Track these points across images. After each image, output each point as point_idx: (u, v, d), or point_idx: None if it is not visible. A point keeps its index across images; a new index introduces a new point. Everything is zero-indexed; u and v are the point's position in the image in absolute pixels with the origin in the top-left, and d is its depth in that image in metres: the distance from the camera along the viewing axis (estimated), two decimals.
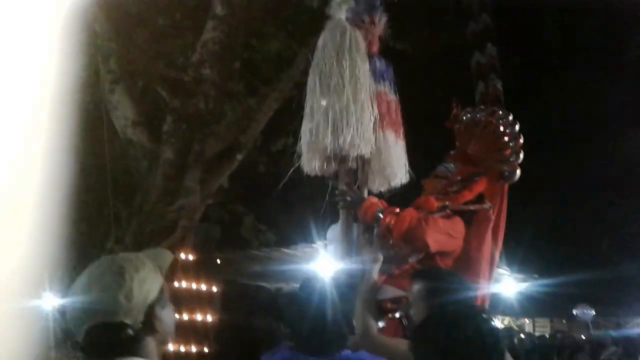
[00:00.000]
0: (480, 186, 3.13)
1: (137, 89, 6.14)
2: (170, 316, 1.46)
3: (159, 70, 5.99)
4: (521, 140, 3.19)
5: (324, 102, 2.83)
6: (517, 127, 3.21)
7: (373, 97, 2.97)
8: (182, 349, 5.74)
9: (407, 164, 3.15)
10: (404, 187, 3.22)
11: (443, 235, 2.80)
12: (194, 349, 5.80)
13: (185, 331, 5.69)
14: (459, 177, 3.14)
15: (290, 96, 6.07)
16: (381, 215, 2.79)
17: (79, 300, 1.36)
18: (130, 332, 1.34)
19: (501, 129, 3.19)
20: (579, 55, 11.10)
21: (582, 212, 13.17)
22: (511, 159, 3.17)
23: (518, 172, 3.16)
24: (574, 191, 12.85)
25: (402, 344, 2.00)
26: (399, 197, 3.25)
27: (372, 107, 2.94)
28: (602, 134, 11.99)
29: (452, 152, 3.34)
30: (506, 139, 3.18)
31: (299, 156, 2.99)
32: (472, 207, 3.06)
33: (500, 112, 3.30)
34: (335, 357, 1.86)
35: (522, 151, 3.18)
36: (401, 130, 3.13)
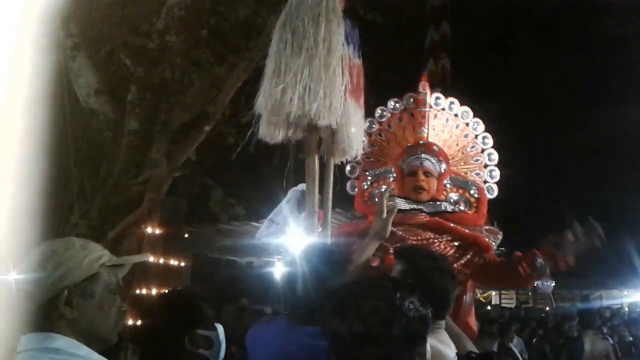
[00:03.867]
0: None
1: (100, 56, 5.90)
2: (93, 311, 1.46)
3: (123, 36, 5.75)
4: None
5: (296, 64, 2.63)
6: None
7: (344, 62, 2.81)
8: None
9: (364, 134, 3.00)
10: None
11: None
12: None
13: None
14: None
15: (259, 65, 5.91)
16: None
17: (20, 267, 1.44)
18: (33, 303, 1.40)
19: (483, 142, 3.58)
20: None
21: (549, 185, 13.41)
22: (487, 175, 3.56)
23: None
24: (541, 165, 13.06)
25: None
26: None
27: (343, 73, 2.78)
28: (573, 106, 12.16)
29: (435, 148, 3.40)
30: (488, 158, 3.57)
31: (257, 121, 2.80)
32: None
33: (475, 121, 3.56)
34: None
35: None
36: (362, 98, 2.97)
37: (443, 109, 3.54)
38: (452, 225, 3.12)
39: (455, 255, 3.04)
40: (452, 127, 3.54)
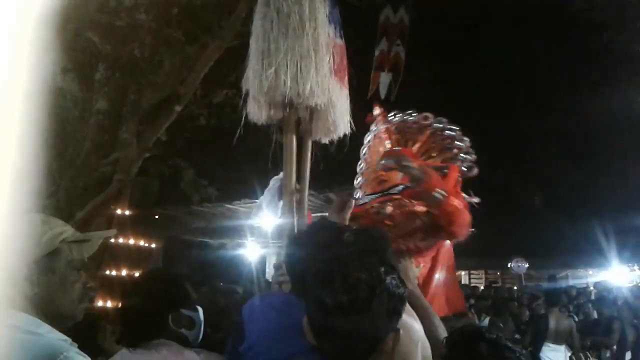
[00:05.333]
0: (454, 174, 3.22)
1: (66, 34, 5.73)
2: (54, 287, 1.44)
3: (90, 14, 5.59)
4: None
5: (285, 44, 2.60)
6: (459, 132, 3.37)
7: (330, 42, 2.80)
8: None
9: (350, 114, 3.01)
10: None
11: None
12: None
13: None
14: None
15: (231, 46, 5.84)
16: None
17: None
18: None
19: (447, 133, 3.34)
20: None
21: (517, 168, 13.64)
22: (462, 156, 3.27)
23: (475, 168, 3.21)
24: (508, 148, 13.26)
25: None
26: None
27: (329, 53, 2.77)
28: (540, 89, 12.34)
29: (394, 149, 3.36)
30: (457, 142, 3.30)
31: (244, 102, 2.77)
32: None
33: (435, 118, 3.43)
34: None
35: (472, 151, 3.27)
36: (346, 78, 2.98)
37: (402, 122, 3.59)
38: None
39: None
40: (415, 129, 3.60)
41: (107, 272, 5.47)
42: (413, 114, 3.56)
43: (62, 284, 1.45)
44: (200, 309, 2.25)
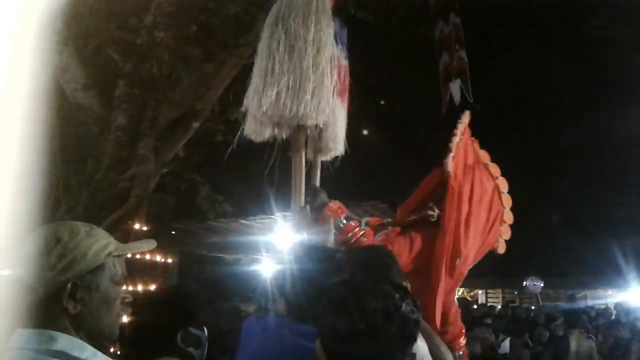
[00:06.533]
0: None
1: (87, 51, 5.85)
2: (98, 305, 1.34)
3: (110, 31, 5.71)
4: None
5: (289, 65, 2.63)
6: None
7: (333, 62, 2.82)
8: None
9: (344, 134, 3.03)
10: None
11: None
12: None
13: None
14: None
15: (248, 62, 5.90)
16: (342, 225, 2.79)
17: (17, 254, 1.30)
18: (33, 296, 1.25)
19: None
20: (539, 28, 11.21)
21: (534, 187, 13.53)
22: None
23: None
24: (526, 166, 13.17)
25: None
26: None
27: (332, 73, 2.79)
28: (557, 108, 12.27)
29: None
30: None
31: (244, 119, 2.80)
32: (411, 218, 3.14)
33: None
34: None
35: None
36: (346, 99, 3.00)
37: None
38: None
39: None
40: None
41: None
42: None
43: (105, 301, 1.36)
44: (205, 328, 2.24)
